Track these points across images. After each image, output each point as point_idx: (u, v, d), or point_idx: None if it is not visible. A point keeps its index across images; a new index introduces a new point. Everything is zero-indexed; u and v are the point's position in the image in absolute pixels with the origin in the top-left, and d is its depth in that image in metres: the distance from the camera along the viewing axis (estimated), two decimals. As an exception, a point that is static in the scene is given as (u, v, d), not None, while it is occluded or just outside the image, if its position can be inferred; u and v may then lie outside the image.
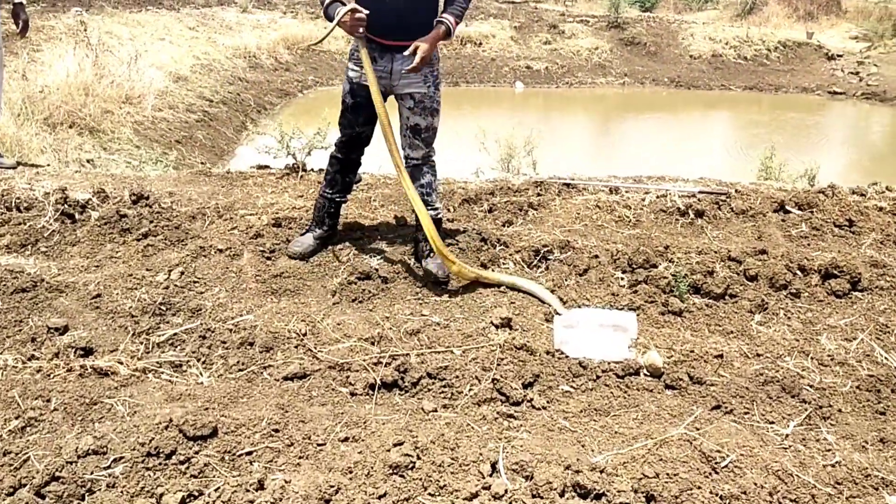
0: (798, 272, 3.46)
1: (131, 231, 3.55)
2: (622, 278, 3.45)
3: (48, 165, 4.61)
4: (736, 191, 4.28)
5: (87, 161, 6.83)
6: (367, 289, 3.29)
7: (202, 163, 7.82)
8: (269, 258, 3.46)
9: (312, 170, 4.51)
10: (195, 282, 3.26)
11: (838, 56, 18.68)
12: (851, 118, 14.38)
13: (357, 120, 3.36)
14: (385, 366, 2.76)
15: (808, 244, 3.83)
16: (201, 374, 2.76)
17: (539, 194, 4.23)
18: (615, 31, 19.30)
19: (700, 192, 4.17)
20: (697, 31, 19.63)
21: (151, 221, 3.61)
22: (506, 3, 28.21)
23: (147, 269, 3.31)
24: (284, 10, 17.40)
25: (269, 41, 14.78)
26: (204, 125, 10.09)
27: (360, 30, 3.07)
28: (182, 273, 3.29)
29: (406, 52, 3.07)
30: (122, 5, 16.66)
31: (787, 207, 4.14)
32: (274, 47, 14.78)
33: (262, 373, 2.77)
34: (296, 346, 2.89)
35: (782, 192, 4.32)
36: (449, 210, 4.08)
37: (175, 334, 2.94)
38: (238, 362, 2.80)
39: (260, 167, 4.63)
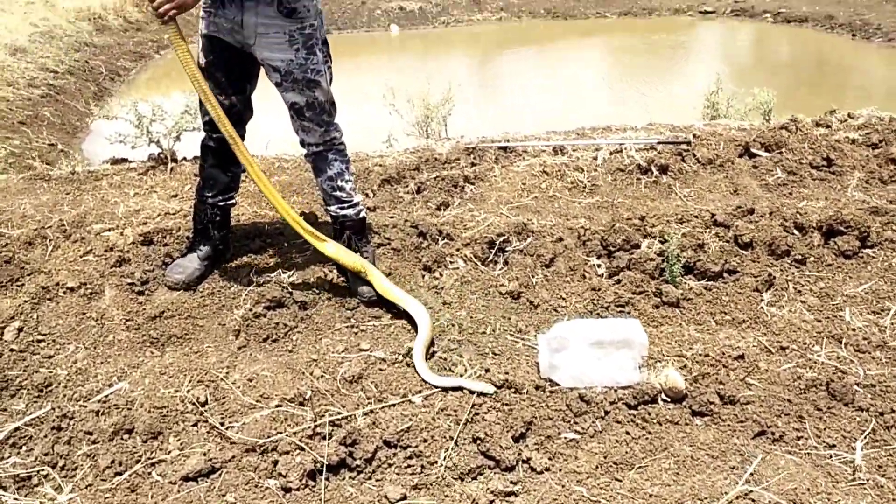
0: (796, 231, 2.91)
1: (-60, 275, 2.56)
2: (598, 265, 2.80)
3: None
4: (694, 136, 3.70)
5: None
6: (282, 321, 2.48)
7: (47, 164, 6.59)
8: (141, 293, 2.56)
9: (185, 159, 3.54)
10: (40, 340, 2.34)
11: (706, -25, 18.74)
12: (724, 35, 14.40)
13: (217, 87, 2.44)
14: (325, 438, 2.00)
15: (790, 192, 3.31)
16: (60, 487, 1.91)
17: (473, 164, 3.50)
18: (486, -36, 18.54)
19: (659, 144, 3.56)
20: (569, -42, 19.17)
21: (-31, 258, 2.62)
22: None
23: (-32, 331, 2.37)
24: (128, -36, 15.56)
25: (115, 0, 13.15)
26: (51, 100, 8.78)
27: None
28: (20, 330, 2.36)
29: None
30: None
31: (753, 150, 3.61)
32: (122, 5, 13.24)
33: (150, 473, 1.95)
34: (194, 425, 2.07)
35: (743, 133, 3.78)
36: (368, 195, 3.28)
37: (16, 429, 2.05)
38: (114, 462, 1.96)
39: (115, 161, 3.61)
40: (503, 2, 17.00)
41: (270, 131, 3.28)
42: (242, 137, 2.62)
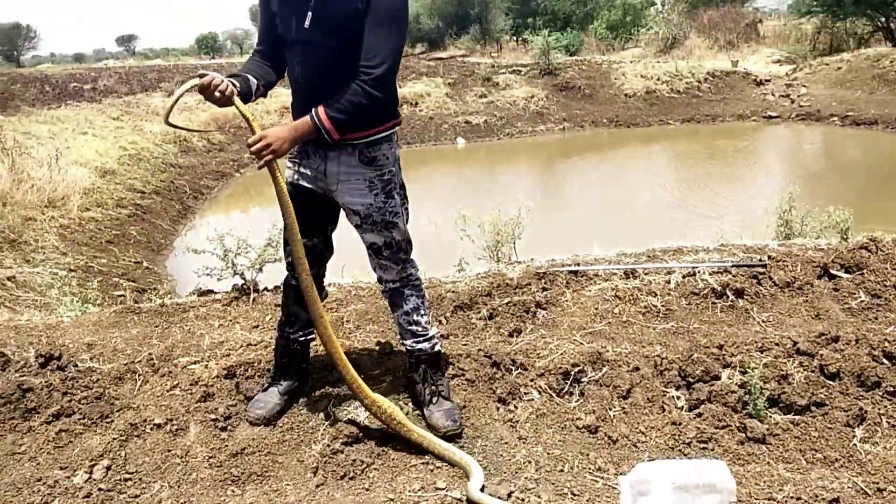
0: (885, 361, 2.80)
1: (38, 411, 2.68)
2: (678, 397, 2.74)
3: (-69, 322, 3.70)
4: (769, 257, 3.65)
5: (9, 279, 6.00)
6: (359, 457, 2.49)
7: (132, 282, 6.92)
8: (223, 428, 2.63)
9: (266, 289, 3.70)
10: (127, 479, 2.41)
11: (766, 81, 18.95)
12: (791, 140, 14.36)
13: (302, 230, 2.55)
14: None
15: (876, 317, 3.20)
16: None
17: (545, 288, 3.52)
18: (548, 77, 19.22)
19: (733, 266, 3.53)
20: (628, 70, 19.71)
21: (65, 393, 2.75)
22: (433, 60, 28.16)
23: (61, 468, 2.45)
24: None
25: (198, 123, 14.09)
26: (137, 219, 9.34)
27: (217, 94, 2.29)
28: (108, 468, 2.44)
29: (250, 141, 2.32)
30: (39, 103, 15.79)
31: (833, 271, 3.53)
32: (205, 128, 14.08)
33: None
34: (275, 570, 2.07)
35: (820, 253, 3.71)
36: (441, 322, 3.33)
37: (102, 571, 2.09)
38: None
39: (202, 293, 3.80)
40: (566, 113, 17.46)
41: (347, 257, 3.40)
42: (323, 276, 2.74)
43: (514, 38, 34.87)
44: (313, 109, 2.34)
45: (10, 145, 8.61)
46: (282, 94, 14.00)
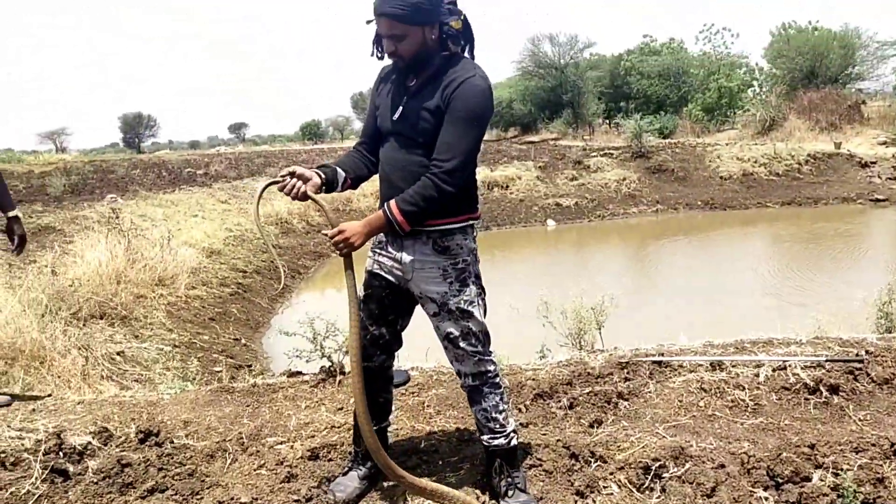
0: None
1: (135, 486, 2.84)
2: (765, 498, 2.63)
3: (49, 396, 3.99)
4: (867, 352, 3.50)
5: (118, 353, 6.38)
6: (434, 545, 2.51)
7: (230, 358, 7.22)
8: (305, 510, 2.71)
9: (352, 371, 3.83)
10: (213, 554, 2.52)
11: (872, 163, 18.30)
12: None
13: (370, 318, 2.70)
14: None
15: None
16: None
17: (627, 378, 3.49)
18: (640, 160, 19.21)
19: (827, 361, 3.40)
20: (723, 153, 19.47)
21: (160, 469, 2.90)
22: (526, 143, 28.69)
23: (152, 541, 2.59)
24: (313, 174, 17.58)
25: (300, 205, 14.77)
26: (238, 298, 9.76)
27: (298, 191, 2.47)
28: (196, 543, 2.56)
29: (329, 233, 2.47)
30: (156, 187, 17.01)
31: (937, 369, 3.34)
32: (305, 210, 14.79)
33: None
34: None
35: (923, 349, 3.53)
36: (521, 410, 3.34)
37: None
38: None
39: (291, 374, 3.97)
40: (659, 195, 17.31)
41: (432, 341, 3.49)
42: (390, 366, 2.81)
43: (607, 121, 35.13)
44: (387, 203, 2.48)
45: (127, 227, 9.27)
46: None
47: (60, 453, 3.00)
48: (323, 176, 2.55)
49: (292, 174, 2.52)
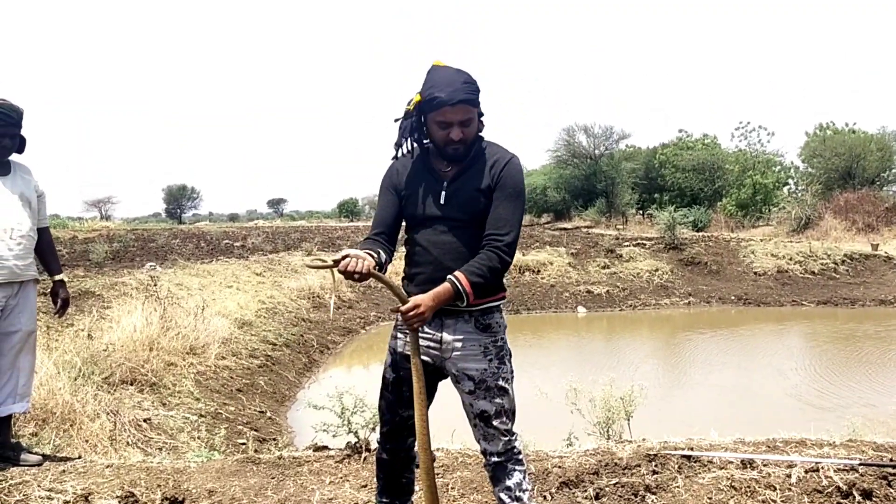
0: None
1: (155, 550, 2.87)
2: None
3: (79, 458, 4.05)
4: (902, 458, 3.42)
5: (145, 420, 6.43)
6: None
7: (255, 431, 7.24)
8: (324, 587, 2.69)
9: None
10: None
11: (910, 266, 18.05)
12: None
13: (401, 401, 2.70)
14: None
15: None
16: None
17: (655, 471, 3.44)
18: (673, 251, 19.22)
19: (861, 465, 3.33)
20: (758, 248, 19.41)
21: (183, 535, 2.93)
22: (558, 230, 28.90)
23: None
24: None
25: (329, 280, 14.88)
26: (266, 370, 9.82)
27: (356, 274, 2.45)
28: None
29: (404, 308, 2.48)
30: (194, 257, 17.41)
31: (977, 479, 3.25)
32: (336, 286, 14.90)
33: None
34: None
35: (961, 457, 3.44)
36: (545, 497, 3.30)
37: None
38: None
39: (317, 448, 3.98)
40: (691, 287, 17.22)
41: (459, 422, 3.50)
42: (412, 447, 2.80)
43: (640, 211, 35.27)
44: (452, 276, 2.52)
45: (163, 295, 9.48)
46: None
47: (87, 515, 3.04)
48: (375, 256, 2.61)
49: (346, 256, 2.55)
